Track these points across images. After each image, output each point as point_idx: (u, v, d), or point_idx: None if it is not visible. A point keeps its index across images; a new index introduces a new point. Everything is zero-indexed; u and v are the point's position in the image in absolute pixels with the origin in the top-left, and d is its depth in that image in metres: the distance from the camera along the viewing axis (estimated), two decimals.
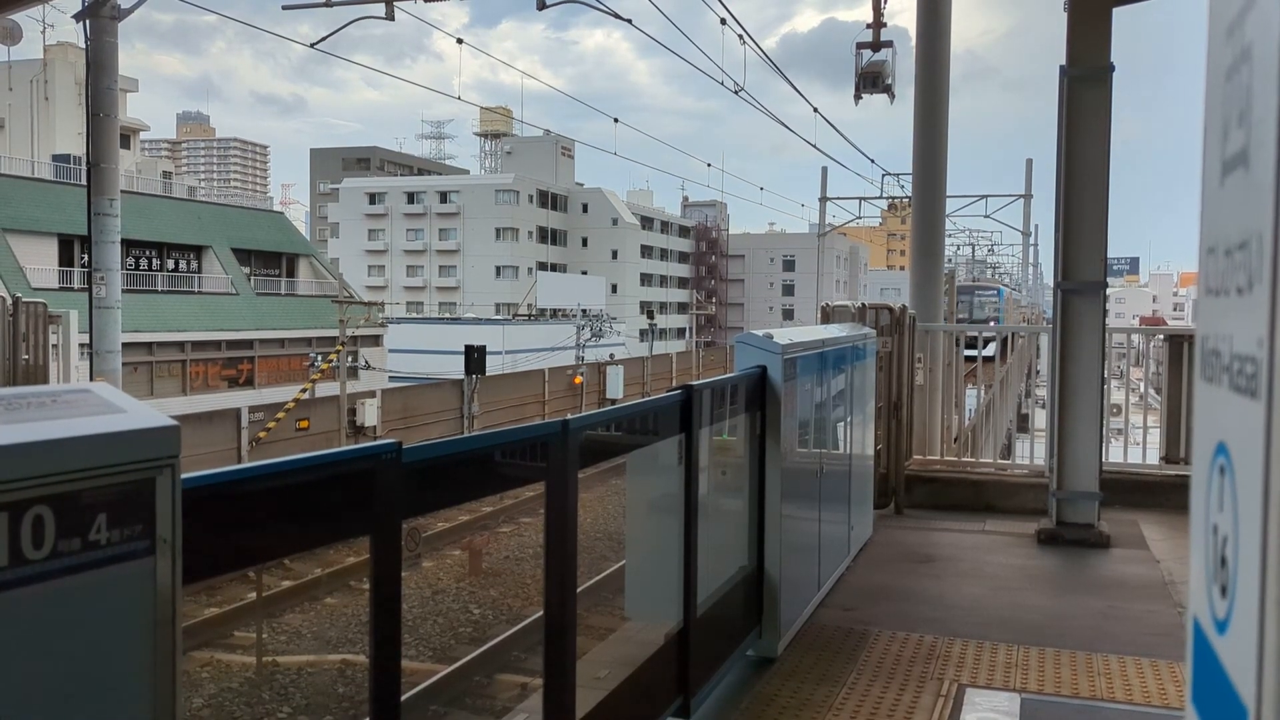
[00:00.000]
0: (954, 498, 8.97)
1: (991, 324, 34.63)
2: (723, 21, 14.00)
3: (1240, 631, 0.68)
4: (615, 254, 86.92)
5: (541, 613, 3.35)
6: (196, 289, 39.18)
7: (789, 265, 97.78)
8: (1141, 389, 17.95)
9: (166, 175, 47.59)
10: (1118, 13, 7.94)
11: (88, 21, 13.91)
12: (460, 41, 18.05)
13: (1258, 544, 0.64)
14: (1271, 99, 0.64)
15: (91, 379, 14.35)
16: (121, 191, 15.47)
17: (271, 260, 43.49)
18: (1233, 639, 0.70)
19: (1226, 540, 0.73)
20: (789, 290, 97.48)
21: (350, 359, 32.65)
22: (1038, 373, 17.10)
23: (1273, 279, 0.63)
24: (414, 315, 69.58)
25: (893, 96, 18.13)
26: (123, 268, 17.79)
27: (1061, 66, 7.86)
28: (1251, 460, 0.67)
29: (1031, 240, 62.49)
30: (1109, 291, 8.21)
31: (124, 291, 16.35)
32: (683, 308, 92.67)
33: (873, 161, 35.11)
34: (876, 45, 17.81)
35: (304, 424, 25.96)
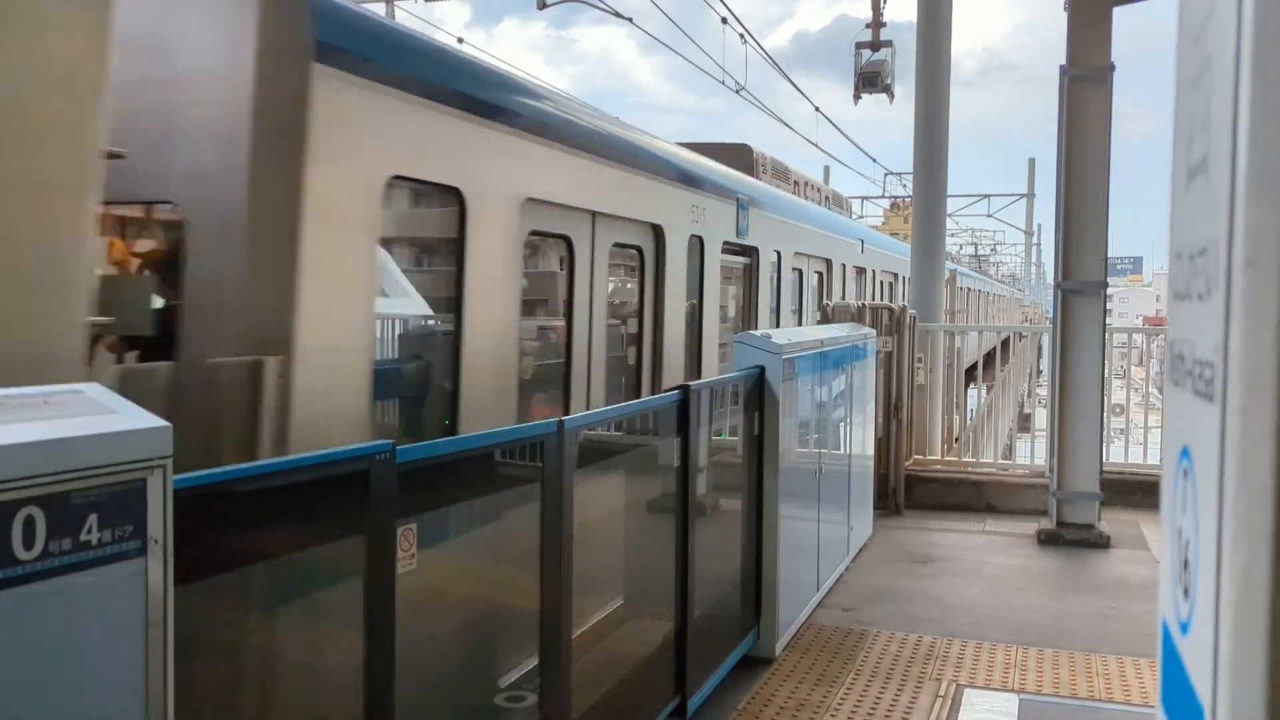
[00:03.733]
0: (954, 498, 8.96)
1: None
2: (723, 20, 13.99)
3: (1199, 633, 0.69)
4: None
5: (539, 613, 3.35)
6: None
7: None
8: (1144, 389, 17.91)
9: None
10: (1121, 11, 7.94)
11: None
12: (461, 40, 18.07)
13: (1214, 546, 0.65)
14: (1228, 108, 0.65)
15: None
16: None
17: None
18: (1193, 640, 0.71)
19: (1189, 543, 0.74)
20: None
21: None
22: (1039, 372, 17.03)
23: (1227, 286, 0.63)
24: None
25: (892, 96, 18.12)
26: None
27: (1062, 66, 7.86)
28: (1209, 464, 0.67)
29: (1034, 240, 62.37)
30: (1110, 291, 8.20)
31: None
32: None
33: (874, 160, 35.10)
34: (876, 45, 17.80)
35: None
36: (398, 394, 5.16)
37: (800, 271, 11.58)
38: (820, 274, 12.50)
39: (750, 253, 9.62)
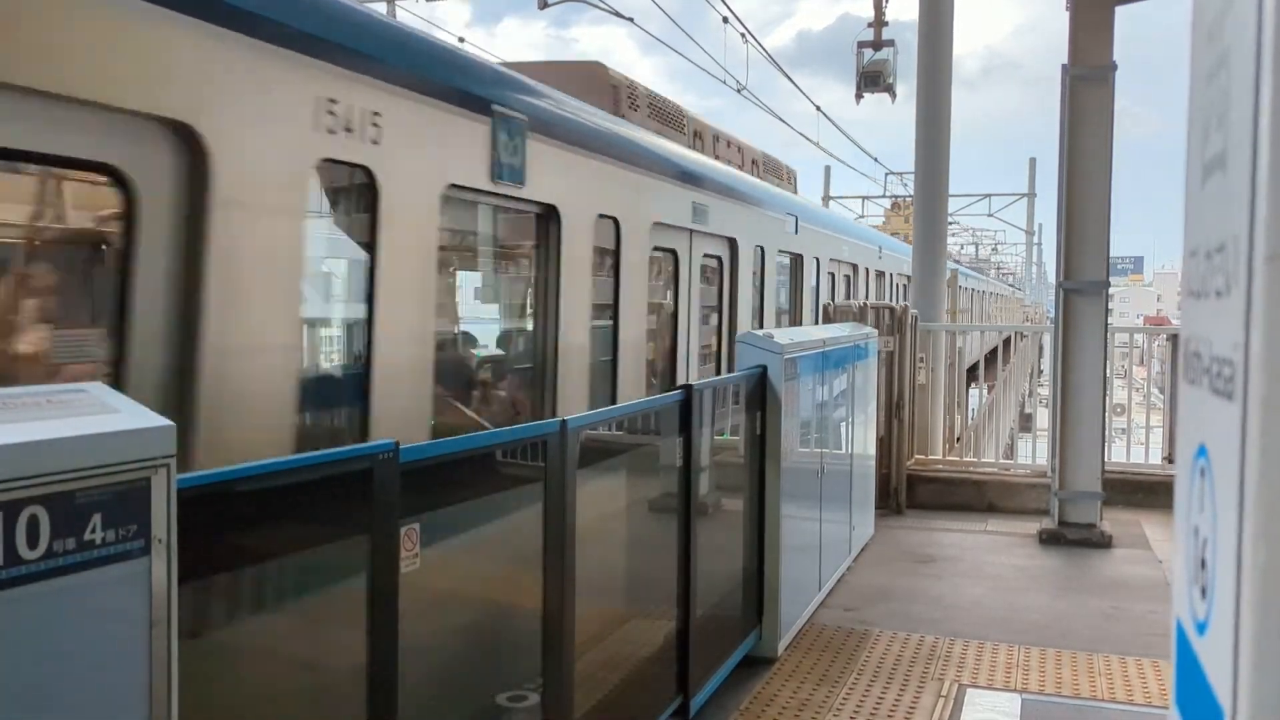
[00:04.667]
0: (956, 498, 8.96)
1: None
2: (724, 20, 13.99)
3: (1218, 633, 0.68)
4: None
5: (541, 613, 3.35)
6: None
7: None
8: (1145, 389, 17.91)
9: None
10: (1123, 11, 7.93)
11: None
12: (462, 40, 18.08)
13: (1234, 546, 0.65)
14: (1248, 103, 0.64)
15: None
16: None
17: None
18: (1211, 640, 0.71)
19: (1206, 542, 0.73)
20: None
21: None
22: (1041, 372, 17.01)
23: (1248, 282, 0.63)
24: None
25: (894, 96, 18.11)
26: None
27: (1064, 65, 7.86)
28: (1229, 462, 0.67)
29: (1035, 239, 62.29)
30: (1111, 290, 8.20)
31: None
32: None
33: (876, 160, 35.08)
34: (878, 44, 17.79)
35: None
36: None
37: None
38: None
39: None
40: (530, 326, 5.79)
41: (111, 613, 1.63)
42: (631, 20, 12.03)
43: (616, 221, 6.28)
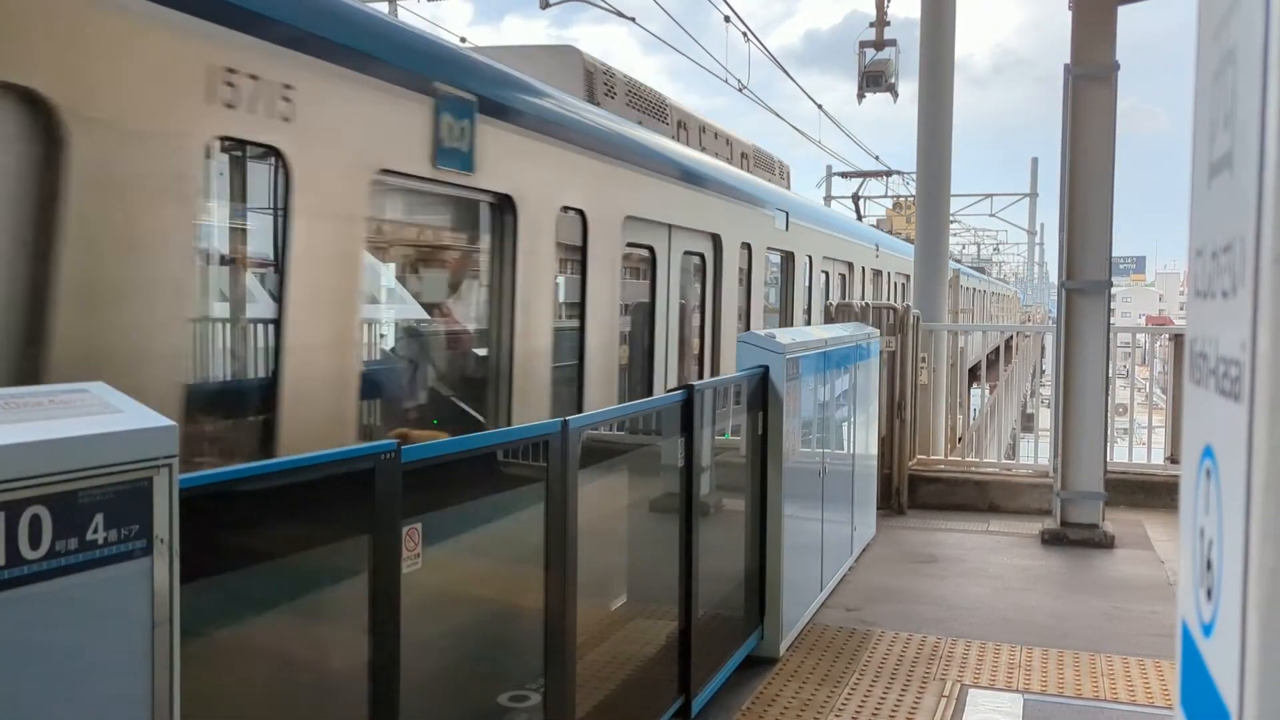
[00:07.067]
0: (958, 498, 8.95)
1: None
2: (726, 19, 14.00)
3: (1224, 635, 0.68)
4: None
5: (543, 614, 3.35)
6: None
7: None
8: (1147, 388, 17.91)
9: None
10: (1128, 10, 7.93)
11: None
12: (463, 40, 18.08)
13: (1240, 547, 0.64)
14: (1255, 102, 0.64)
15: None
16: None
17: None
18: (1217, 642, 0.70)
19: (1212, 543, 0.73)
20: None
21: None
22: (1043, 372, 17.00)
23: (1254, 282, 0.63)
24: None
25: (896, 95, 18.11)
26: None
27: (1066, 65, 7.86)
28: (1235, 463, 0.66)
29: (1038, 239, 62.25)
30: (1113, 290, 8.20)
31: None
32: None
33: (877, 159, 35.04)
34: (880, 44, 17.78)
35: None
36: None
37: None
38: None
39: None
40: (481, 329, 5.22)
41: (113, 613, 1.63)
42: (633, 20, 12.03)
43: (583, 214, 5.78)
